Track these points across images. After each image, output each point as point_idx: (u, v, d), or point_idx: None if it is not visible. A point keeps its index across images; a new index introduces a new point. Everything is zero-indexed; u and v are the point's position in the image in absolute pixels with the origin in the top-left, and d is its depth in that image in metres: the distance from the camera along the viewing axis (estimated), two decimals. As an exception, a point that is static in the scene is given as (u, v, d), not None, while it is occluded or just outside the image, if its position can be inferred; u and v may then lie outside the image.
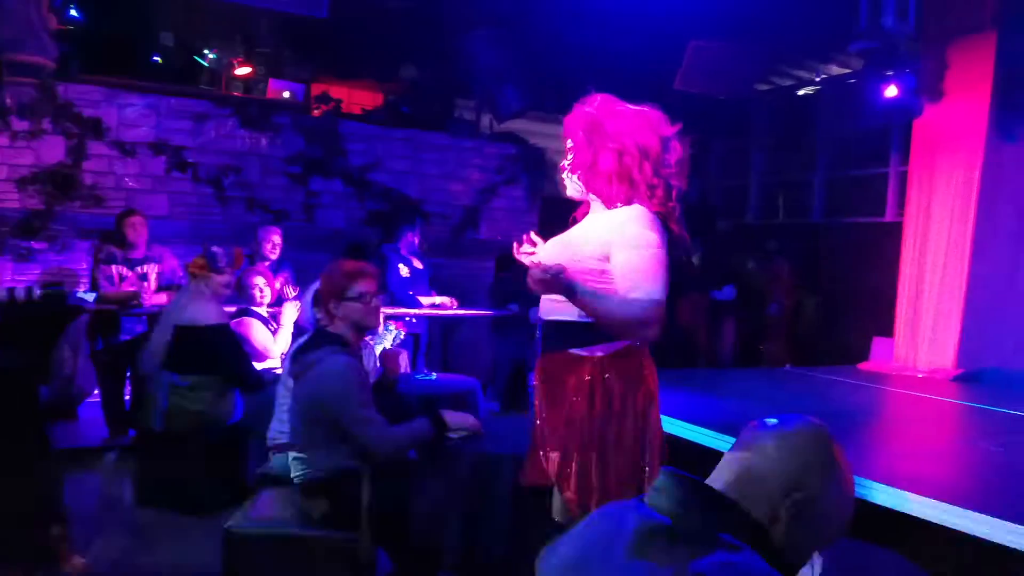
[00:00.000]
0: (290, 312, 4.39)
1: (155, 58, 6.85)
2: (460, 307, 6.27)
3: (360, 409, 2.48)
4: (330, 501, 2.50)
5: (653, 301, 1.94)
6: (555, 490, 2.11)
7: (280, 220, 6.49)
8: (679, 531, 1.10)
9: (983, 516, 2.53)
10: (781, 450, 1.15)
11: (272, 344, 4.43)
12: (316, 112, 7.06)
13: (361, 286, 2.66)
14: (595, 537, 1.19)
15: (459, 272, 7.27)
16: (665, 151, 2.11)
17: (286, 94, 7.08)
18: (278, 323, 4.59)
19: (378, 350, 4.22)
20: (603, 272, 2.03)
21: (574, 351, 2.05)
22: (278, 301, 4.75)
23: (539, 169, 7.83)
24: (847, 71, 7.76)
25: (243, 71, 6.93)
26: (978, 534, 2.53)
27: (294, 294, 4.72)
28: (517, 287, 6.46)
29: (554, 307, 2.09)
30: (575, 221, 2.26)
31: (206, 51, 6.91)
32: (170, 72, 6.75)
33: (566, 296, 1.97)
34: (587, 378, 2.00)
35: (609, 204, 2.11)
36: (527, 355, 6.46)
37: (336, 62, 7.45)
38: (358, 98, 8.02)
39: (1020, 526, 2.43)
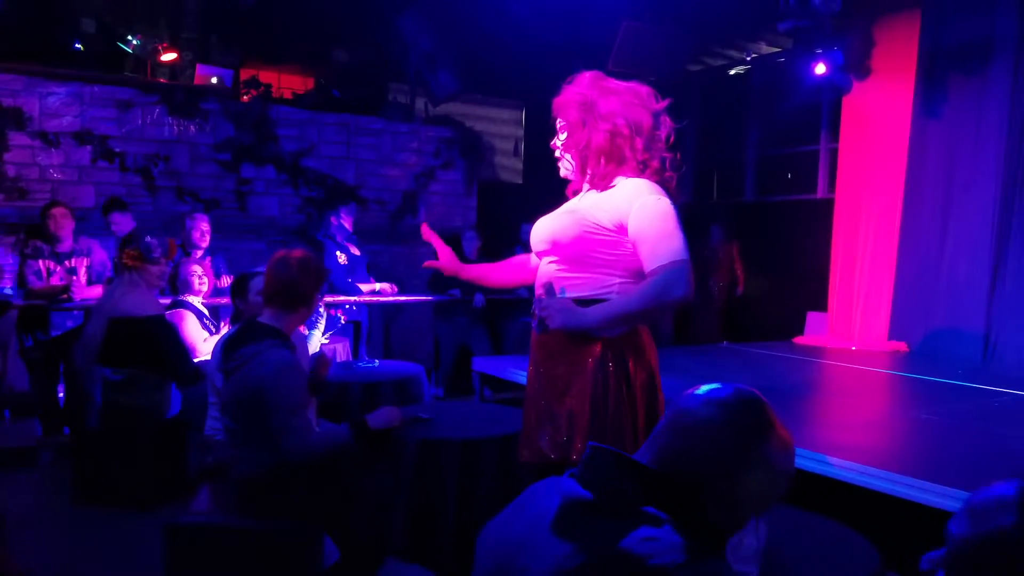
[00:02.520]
0: (315, 341, 4.22)
1: (76, 45, 6.57)
2: (401, 293, 6.22)
3: (290, 417, 2.39)
4: (272, 494, 2.45)
5: (682, 261, 1.93)
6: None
7: (211, 209, 6.33)
8: (602, 506, 1.09)
9: (916, 480, 2.63)
10: (712, 419, 1.13)
11: (202, 341, 4.30)
12: (245, 97, 6.88)
13: None
14: (526, 516, 1.18)
15: (398, 258, 7.21)
16: (656, 127, 2.13)
17: (214, 80, 6.87)
18: (211, 318, 4.48)
19: (314, 338, 4.16)
20: (617, 243, 2.01)
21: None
22: (215, 291, 4.63)
23: (476, 153, 7.80)
24: (777, 50, 7.91)
25: (169, 57, 6.70)
26: (913, 498, 2.63)
27: (228, 282, 4.60)
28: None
29: (562, 284, 2.07)
30: (566, 198, 2.25)
31: (130, 37, 6.65)
32: (93, 59, 6.49)
33: (597, 328, 1.98)
34: (599, 353, 1.99)
35: (604, 183, 2.09)
36: (471, 339, 6.46)
37: (265, 46, 7.27)
38: (288, 82, 7.85)
39: (951, 488, 2.54)
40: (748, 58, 8.16)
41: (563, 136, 2.16)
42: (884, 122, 6.54)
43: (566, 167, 2.20)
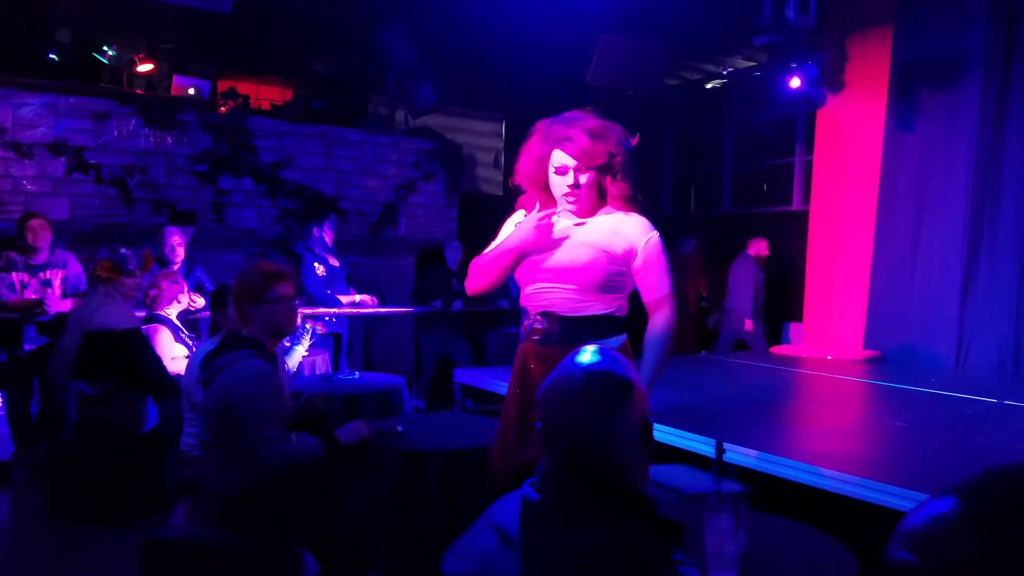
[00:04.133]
0: (297, 355, 4.19)
1: (51, 56, 6.52)
2: (381, 305, 6.20)
3: (265, 427, 2.38)
4: (250, 509, 2.43)
5: (672, 293, 2.36)
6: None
7: (188, 221, 6.28)
8: (547, 506, 1.13)
9: (892, 487, 2.67)
10: (564, 405, 1.19)
11: (170, 359, 4.23)
12: (223, 109, 6.85)
13: (280, 289, 2.58)
14: (492, 530, 1.22)
15: (379, 269, 7.19)
16: (633, 162, 2.36)
17: (191, 91, 6.83)
18: (189, 331, 4.43)
19: (296, 353, 4.14)
20: (623, 271, 2.30)
21: (613, 342, 2.27)
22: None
23: (457, 164, 7.81)
24: (753, 64, 8.01)
25: (145, 68, 6.66)
26: (889, 504, 2.66)
27: (201, 303, 4.54)
28: (439, 283, 6.46)
29: (576, 306, 2.27)
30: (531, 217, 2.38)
31: (105, 48, 6.61)
32: (68, 70, 6.44)
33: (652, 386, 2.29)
34: None
35: (590, 214, 2.33)
36: (452, 350, 6.45)
37: (243, 58, 7.25)
38: (266, 94, 7.83)
39: (926, 495, 2.56)
40: (724, 72, 8.26)
41: (583, 178, 2.29)
42: (858, 135, 6.65)
43: (568, 204, 2.33)
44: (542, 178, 2.35)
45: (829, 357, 6.38)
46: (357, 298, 6.01)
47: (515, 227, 2.38)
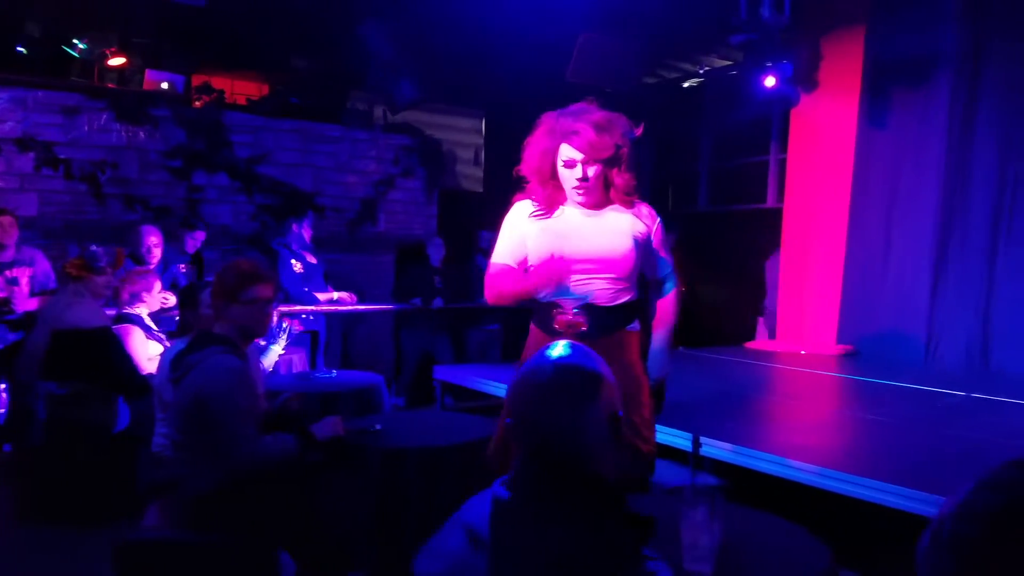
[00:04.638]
0: (273, 355, 4.13)
1: (20, 49, 6.40)
2: (360, 302, 6.17)
3: (230, 418, 2.34)
4: (224, 508, 2.41)
5: (675, 268, 2.61)
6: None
7: (162, 217, 6.21)
8: (517, 505, 1.13)
9: (865, 479, 2.70)
10: (535, 401, 1.20)
11: (146, 359, 4.17)
12: (197, 104, 6.77)
13: (257, 291, 2.55)
14: (463, 530, 1.21)
15: (357, 267, 7.16)
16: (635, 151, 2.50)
17: (164, 85, 6.75)
18: (161, 331, 4.37)
19: (273, 352, 4.09)
20: (642, 255, 2.47)
21: (629, 328, 2.44)
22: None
23: (436, 161, 7.79)
24: (729, 63, 8.06)
25: (117, 62, 6.56)
26: (862, 496, 2.70)
27: (172, 302, 4.47)
28: (421, 280, 6.44)
29: (615, 295, 2.39)
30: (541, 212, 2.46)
31: (76, 41, 6.50)
32: (37, 63, 6.33)
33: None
34: (636, 348, 2.46)
35: (600, 205, 2.44)
36: (433, 348, 6.42)
37: (219, 52, 7.17)
38: (242, 89, 7.75)
39: (897, 487, 2.61)
40: (701, 71, 8.31)
41: (591, 170, 2.36)
42: (831, 133, 6.72)
43: (578, 197, 2.41)
44: (548, 171, 2.40)
45: (803, 352, 6.45)
46: (335, 295, 5.97)
47: (538, 269, 2.36)
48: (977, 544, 0.69)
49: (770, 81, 6.38)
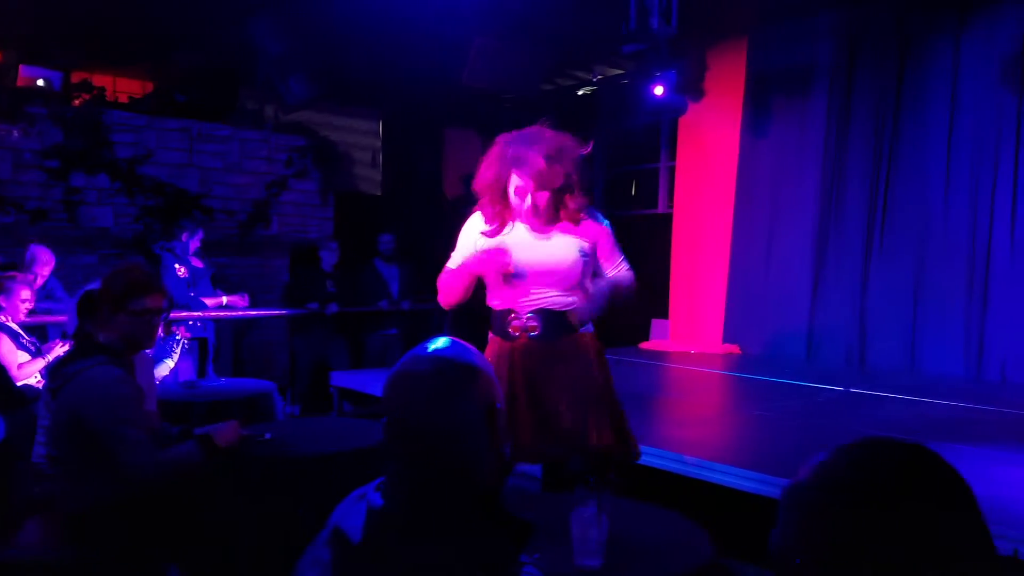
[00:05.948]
0: (165, 368, 3.91)
1: None
2: (252, 307, 5.99)
3: (121, 426, 2.23)
4: (107, 524, 2.30)
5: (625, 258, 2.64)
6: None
7: (37, 220, 5.85)
8: (389, 513, 1.12)
9: (748, 471, 2.84)
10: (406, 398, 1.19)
11: (16, 367, 3.93)
12: (76, 101, 6.42)
13: (146, 301, 2.45)
14: (334, 543, 1.19)
15: (249, 270, 6.95)
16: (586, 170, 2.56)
17: (40, 82, 6.37)
18: (34, 338, 4.12)
19: (165, 365, 3.92)
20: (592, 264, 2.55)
21: (583, 331, 2.52)
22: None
23: (331, 162, 7.65)
24: (621, 72, 8.27)
25: (-13, 55, 6.16)
26: (744, 487, 2.83)
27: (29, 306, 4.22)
28: (315, 285, 6.31)
29: (557, 300, 2.46)
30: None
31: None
32: None
33: (599, 309, 2.49)
34: (595, 348, 2.56)
35: (550, 227, 2.48)
36: (328, 353, 6.29)
37: (100, 48, 6.82)
38: (124, 86, 7.41)
39: (778, 478, 2.75)
40: (595, 79, 8.49)
41: (541, 198, 2.42)
42: (716, 141, 7.01)
43: (527, 220, 2.47)
44: (499, 193, 2.47)
45: (692, 351, 6.70)
46: (225, 300, 5.77)
47: (473, 253, 2.47)
48: (819, 507, 0.78)
49: (659, 90, 6.58)
